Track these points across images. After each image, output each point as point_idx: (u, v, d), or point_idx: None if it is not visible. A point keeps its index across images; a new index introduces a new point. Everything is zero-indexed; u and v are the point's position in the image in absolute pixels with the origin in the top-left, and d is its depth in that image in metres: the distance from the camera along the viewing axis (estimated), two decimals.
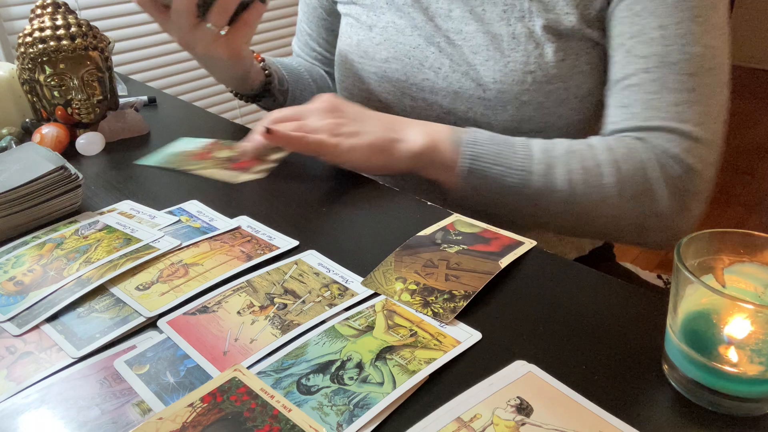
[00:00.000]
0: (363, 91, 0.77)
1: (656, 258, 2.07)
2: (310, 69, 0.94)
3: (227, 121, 0.86)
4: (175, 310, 0.47)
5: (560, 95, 0.67)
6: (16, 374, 0.42)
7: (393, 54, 0.74)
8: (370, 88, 0.76)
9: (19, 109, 0.80)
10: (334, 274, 0.50)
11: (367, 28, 0.77)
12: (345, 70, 0.80)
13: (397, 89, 0.74)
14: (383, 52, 0.75)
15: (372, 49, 0.76)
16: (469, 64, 0.69)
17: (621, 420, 0.36)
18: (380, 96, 0.75)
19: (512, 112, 0.68)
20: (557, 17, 0.65)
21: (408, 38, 0.73)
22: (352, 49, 0.78)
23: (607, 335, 0.43)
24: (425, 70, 0.72)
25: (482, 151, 0.61)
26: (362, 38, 0.77)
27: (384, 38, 0.75)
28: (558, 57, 0.66)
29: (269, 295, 0.48)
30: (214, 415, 0.37)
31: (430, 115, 0.73)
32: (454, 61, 0.70)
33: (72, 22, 0.73)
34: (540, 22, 0.66)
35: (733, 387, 0.36)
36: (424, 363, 0.40)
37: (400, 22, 0.74)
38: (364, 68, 0.76)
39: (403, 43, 0.73)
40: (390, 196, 0.63)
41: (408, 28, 0.73)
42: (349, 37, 0.79)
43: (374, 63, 0.75)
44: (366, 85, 0.76)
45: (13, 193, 0.56)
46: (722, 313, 0.36)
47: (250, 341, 0.43)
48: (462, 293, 0.47)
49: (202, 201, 0.63)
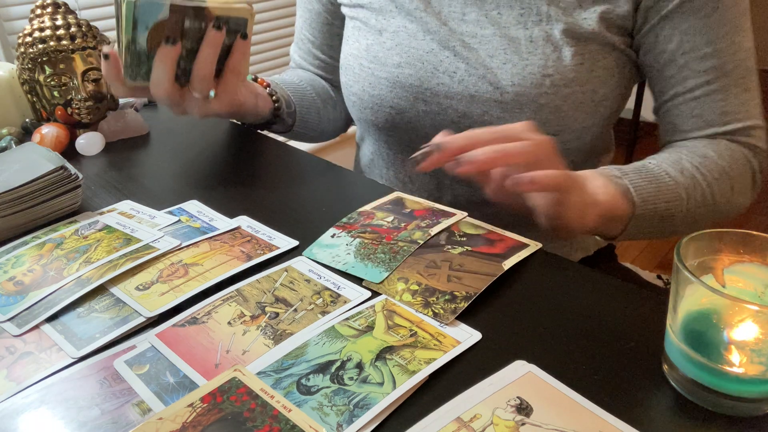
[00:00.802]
0: (374, 97, 0.76)
1: (656, 258, 2.07)
2: (312, 82, 0.91)
3: (227, 120, 0.86)
4: (164, 321, 0.46)
5: (577, 98, 0.67)
6: (16, 374, 0.42)
7: (406, 59, 0.73)
8: (382, 94, 0.75)
9: (19, 109, 0.80)
10: (325, 280, 0.50)
11: (376, 33, 0.76)
12: (353, 75, 0.78)
13: (410, 94, 0.73)
14: (395, 57, 0.74)
15: (383, 54, 0.74)
16: (486, 67, 0.69)
17: (621, 420, 0.36)
18: (392, 101, 0.74)
19: (529, 115, 0.68)
20: (576, 21, 0.66)
21: (421, 42, 0.72)
22: (361, 54, 0.77)
23: (607, 335, 0.43)
24: (440, 75, 0.71)
25: (646, 194, 0.62)
26: (371, 43, 0.76)
27: (395, 43, 0.74)
28: (576, 60, 0.66)
29: (260, 304, 0.47)
30: (214, 416, 0.37)
31: (444, 119, 0.72)
32: (470, 65, 0.69)
33: (72, 22, 0.73)
34: (559, 26, 0.66)
35: (733, 387, 0.36)
36: (424, 363, 0.40)
37: (411, 26, 0.73)
38: (375, 73, 0.75)
39: (416, 48, 0.72)
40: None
41: (420, 33, 0.72)
42: (357, 41, 0.78)
43: (386, 68, 0.74)
44: (377, 90, 0.75)
45: (13, 193, 0.56)
46: (722, 313, 0.36)
47: (242, 352, 0.42)
48: (463, 294, 0.47)
49: (202, 201, 0.63)
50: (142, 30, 0.61)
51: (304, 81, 0.90)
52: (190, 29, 0.63)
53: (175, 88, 0.65)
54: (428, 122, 0.73)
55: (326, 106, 0.91)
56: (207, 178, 0.69)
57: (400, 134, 0.77)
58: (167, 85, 0.64)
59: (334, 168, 0.70)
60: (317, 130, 0.91)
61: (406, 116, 0.74)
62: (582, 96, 0.67)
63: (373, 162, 0.84)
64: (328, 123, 0.93)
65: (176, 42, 0.62)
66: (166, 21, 0.61)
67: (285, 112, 0.83)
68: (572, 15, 0.66)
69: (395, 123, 0.76)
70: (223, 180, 0.68)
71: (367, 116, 0.78)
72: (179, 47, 0.63)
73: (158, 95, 0.64)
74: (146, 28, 0.61)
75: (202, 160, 0.73)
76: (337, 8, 0.85)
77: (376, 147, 0.82)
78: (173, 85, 0.64)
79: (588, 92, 0.68)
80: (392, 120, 0.75)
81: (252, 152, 0.75)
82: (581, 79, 0.67)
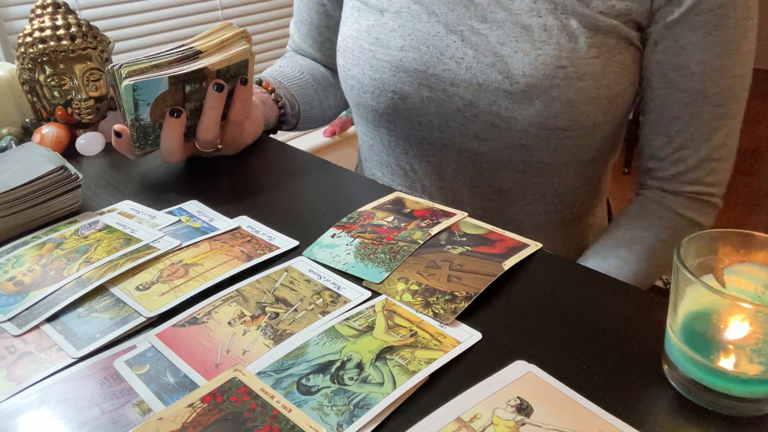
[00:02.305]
0: (375, 80, 0.72)
1: None
2: (312, 70, 0.90)
3: None
4: (164, 321, 0.46)
5: (590, 93, 0.65)
6: (16, 374, 0.42)
7: (409, 42, 0.69)
8: (384, 78, 0.71)
9: (19, 109, 0.80)
10: (325, 280, 0.50)
11: (378, 13, 0.72)
12: (353, 58, 0.75)
13: (414, 79, 0.70)
14: (398, 39, 0.70)
15: (385, 36, 0.71)
16: (496, 54, 0.65)
17: (621, 420, 0.36)
18: (395, 86, 0.71)
19: (539, 107, 0.65)
20: (593, 12, 0.63)
21: (426, 25, 0.69)
22: (362, 35, 0.73)
23: (607, 335, 0.43)
24: (446, 60, 0.68)
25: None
26: (373, 23, 0.72)
27: (398, 24, 0.70)
28: (592, 53, 0.63)
29: (260, 304, 0.47)
30: (214, 416, 0.37)
31: (449, 107, 0.69)
32: (479, 52, 0.66)
33: (72, 22, 0.73)
34: (575, 16, 0.63)
35: (733, 387, 0.36)
36: (424, 363, 0.40)
37: (415, 7, 0.69)
38: (376, 56, 0.72)
39: (421, 30, 0.69)
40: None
41: (425, 14, 0.69)
42: (357, 21, 0.74)
43: (388, 51, 0.71)
44: (379, 74, 0.71)
45: (13, 193, 0.56)
46: (722, 313, 0.36)
47: (243, 352, 0.42)
48: (464, 294, 0.47)
49: (202, 201, 0.63)
50: (144, 107, 0.61)
51: (306, 72, 0.88)
52: (192, 92, 0.63)
53: (185, 147, 0.66)
54: (432, 109, 0.71)
55: (327, 95, 0.90)
56: (207, 178, 0.69)
57: (402, 121, 0.74)
58: (178, 153, 0.65)
59: (334, 168, 0.70)
60: (319, 120, 0.91)
61: (409, 102, 0.72)
62: (596, 91, 0.65)
63: (373, 148, 0.82)
64: (329, 110, 0.92)
65: (181, 113, 0.62)
66: (167, 92, 0.61)
67: (290, 115, 0.82)
68: (589, 6, 0.63)
69: (397, 108, 0.73)
70: (223, 180, 0.68)
71: (366, 101, 0.75)
72: (184, 117, 0.63)
73: (170, 161, 0.67)
74: (148, 105, 0.61)
75: (202, 160, 0.73)
76: None
77: (377, 133, 0.79)
78: (183, 148, 0.66)
79: (603, 87, 0.65)
80: (394, 105, 0.73)
81: (252, 152, 0.74)
82: (596, 74, 0.64)
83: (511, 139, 0.68)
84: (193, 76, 0.62)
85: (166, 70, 0.60)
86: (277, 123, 0.82)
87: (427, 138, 0.74)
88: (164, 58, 0.60)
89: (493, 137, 0.69)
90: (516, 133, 0.68)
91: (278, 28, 2.23)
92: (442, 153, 0.74)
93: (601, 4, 0.63)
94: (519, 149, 0.69)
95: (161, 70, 0.60)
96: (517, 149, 0.69)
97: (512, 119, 0.67)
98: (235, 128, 0.69)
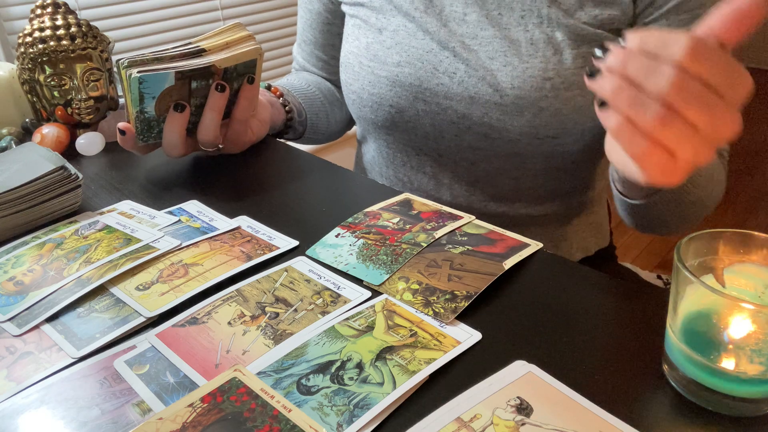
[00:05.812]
0: (373, 95, 0.76)
1: (656, 258, 2.07)
2: (319, 84, 0.91)
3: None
4: (165, 321, 0.46)
5: (578, 102, 0.67)
6: (16, 374, 0.42)
7: (405, 58, 0.73)
8: (382, 92, 0.75)
9: (19, 109, 0.80)
10: (325, 280, 0.50)
11: (376, 31, 0.76)
12: (353, 73, 0.78)
13: (410, 93, 0.73)
14: (395, 56, 0.73)
15: (383, 53, 0.74)
16: (486, 69, 0.68)
17: (621, 420, 0.36)
18: (392, 100, 0.74)
19: (529, 118, 0.68)
20: (577, 23, 0.65)
21: (420, 42, 0.72)
22: (361, 52, 0.77)
23: (607, 335, 0.43)
24: (439, 75, 0.71)
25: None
26: (371, 41, 0.76)
27: (395, 42, 0.73)
28: (577, 63, 0.66)
29: (260, 304, 0.47)
30: (214, 416, 0.37)
31: (444, 119, 0.72)
32: (470, 66, 0.69)
33: (72, 22, 0.73)
34: (561, 28, 0.66)
35: (733, 387, 0.36)
36: (424, 363, 0.40)
37: (411, 25, 0.73)
38: (375, 72, 0.75)
39: (416, 47, 0.72)
40: (391, 197, 0.63)
41: (420, 32, 0.72)
42: (357, 39, 0.78)
43: (385, 67, 0.74)
44: (377, 89, 0.75)
45: (13, 193, 0.56)
46: (722, 313, 0.36)
47: (243, 352, 0.42)
48: (464, 294, 0.47)
49: (202, 201, 0.63)
50: (149, 100, 0.61)
51: (312, 85, 0.90)
52: (198, 88, 0.63)
53: (187, 142, 0.67)
54: (428, 122, 0.73)
55: (333, 108, 0.91)
56: (207, 178, 0.69)
57: (400, 133, 0.77)
58: (180, 147, 0.67)
59: (334, 168, 0.70)
60: (326, 133, 0.92)
61: (405, 115, 0.74)
62: (583, 99, 0.67)
63: (374, 160, 0.84)
64: (335, 125, 0.93)
65: (185, 108, 0.63)
66: (172, 87, 0.61)
67: (297, 121, 0.83)
68: (573, 17, 0.66)
69: (395, 122, 0.76)
70: (223, 180, 0.68)
71: (366, 114, 0.78)
72: (188, 112, 0.64)
73: (172, 155, 0.67)
74: (153, 98, 0.61)
75: (202, 160, 0.73)
76: (337, 7, 0.85)
77: (377, 145, 0.82)
78: (185, 143, 0.67)
79: (589, 95, 0.67)
80: (392, 119, 0.75)
81: (252, 152, 0.75)
82: (582, 83, 0.66)
83: (504, 149, 0.71)
84: (200, 72, 0.62)
85: (173, 65, 0.60)
86: (284, 127, 0.83)
87: (424, 149, 0.77)
88: (169, 53, 0.61)
89: (486, 147, 0.72)
90: (508, 142, 0.70)
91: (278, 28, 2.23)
92: (438, 163, 0.77)
93: (585, 15, 0.66)
94: (512, 157, 0.72)
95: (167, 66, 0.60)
96: (511, 157, 0.72)
97: (504, 130, 0.69)
98: (239, 126, 0.70)
